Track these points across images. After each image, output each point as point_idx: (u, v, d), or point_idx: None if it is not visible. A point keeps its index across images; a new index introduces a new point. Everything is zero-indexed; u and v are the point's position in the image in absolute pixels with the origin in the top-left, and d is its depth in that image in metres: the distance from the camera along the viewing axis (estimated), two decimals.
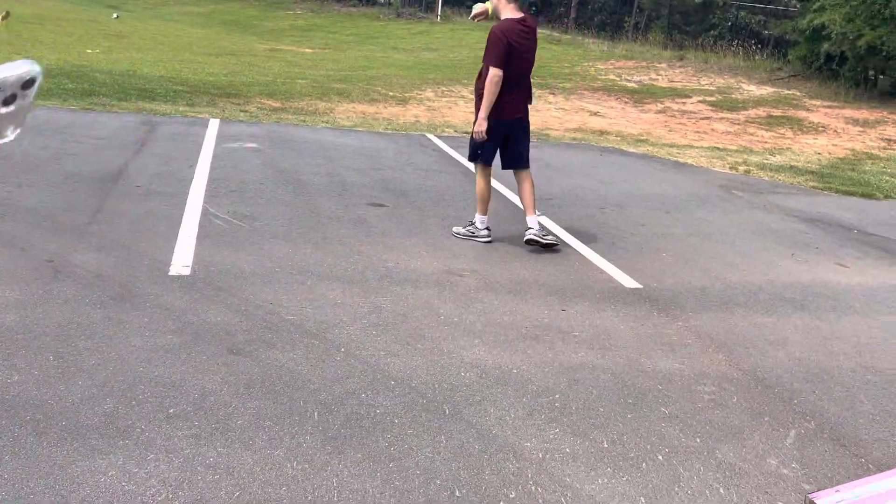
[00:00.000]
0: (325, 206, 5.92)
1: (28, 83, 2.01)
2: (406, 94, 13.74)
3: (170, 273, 4.21)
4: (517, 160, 5.46)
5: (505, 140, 5.35)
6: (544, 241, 5.29)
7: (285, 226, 5.28)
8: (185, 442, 2.67)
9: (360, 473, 2.62)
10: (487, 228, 5.49)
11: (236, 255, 4.59)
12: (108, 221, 4.97)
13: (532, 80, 5.60)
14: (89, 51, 15.16)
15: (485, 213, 5.49)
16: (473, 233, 5.49)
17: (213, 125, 8.76)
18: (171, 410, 2.86)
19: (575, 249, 5.51)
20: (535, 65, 5.50)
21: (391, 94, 13.62)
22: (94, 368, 3.09)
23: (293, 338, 3.57)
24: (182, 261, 4.40)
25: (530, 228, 5.31)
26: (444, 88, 15.02)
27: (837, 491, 2.69)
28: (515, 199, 6.79)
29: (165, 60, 15.11)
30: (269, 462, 2.62)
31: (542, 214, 5.88)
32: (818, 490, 2.76)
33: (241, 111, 10.08)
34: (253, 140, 8.19)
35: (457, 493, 2.58)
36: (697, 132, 13.16)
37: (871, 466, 3.04)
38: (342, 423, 2.92)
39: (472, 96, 5.92)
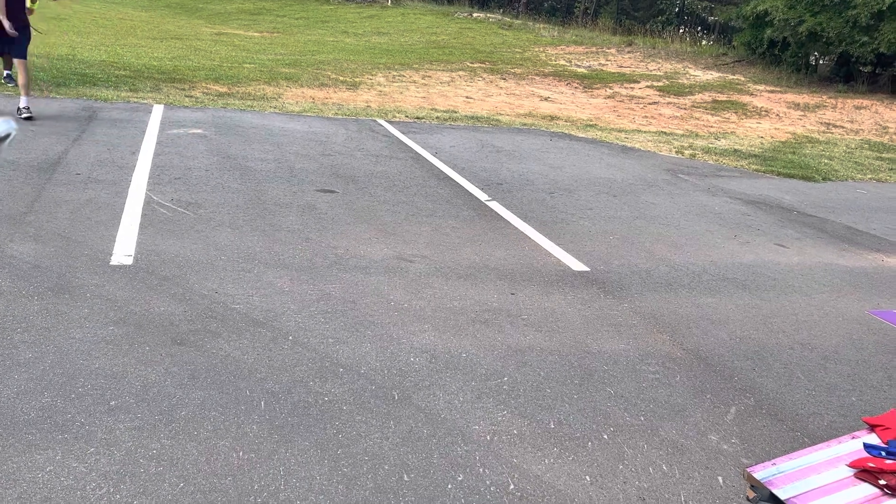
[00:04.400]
0: (272, 192, 5.84)
1: (2, 139, 2.56)
2: (356, 79, 13.61)
3: (111, 263, 4.10)
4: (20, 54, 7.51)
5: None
6: (24, 116, 7.26)
7: (231, 213, 5.20)
8: (126, 434, 2.62)
9: (308, 461, 2.61)
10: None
11: (180, 244, 4.50)
12: (47, 210, 4.81)
13: (483, 66, 5.68)
14: None
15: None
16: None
17: (157, 111, 8.55)
18: (112, 403, 2.80)
19: (524, 234, 5.55)
20: (486, 50, 5.60)
21: (341, 78, 13.47)
22: (30, 362, 3.00)
23: (239, 327, 3.52)
24: (124, 250, 4.29)
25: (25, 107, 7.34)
26: (394, 73, 14.92)
27: (774, 464, 2.78)
28: (465, 182, 6.81)
29: (107, 44, 14.66)
30: (215, 452, 2.59)
31: (493, 200, 5.90)
32: (756, 464, 2.86)
33: (187, 96, 9.85)
34: (198, 126, 8.02)
35: (405, 478, 2.59)
36: (645, 117, 13.36)
37: (806, 439, 3.15)
38: (289, 411, 2.90)
39: (424, 82, 6.08)
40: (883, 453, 2.85)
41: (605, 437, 2.99)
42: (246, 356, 3.26)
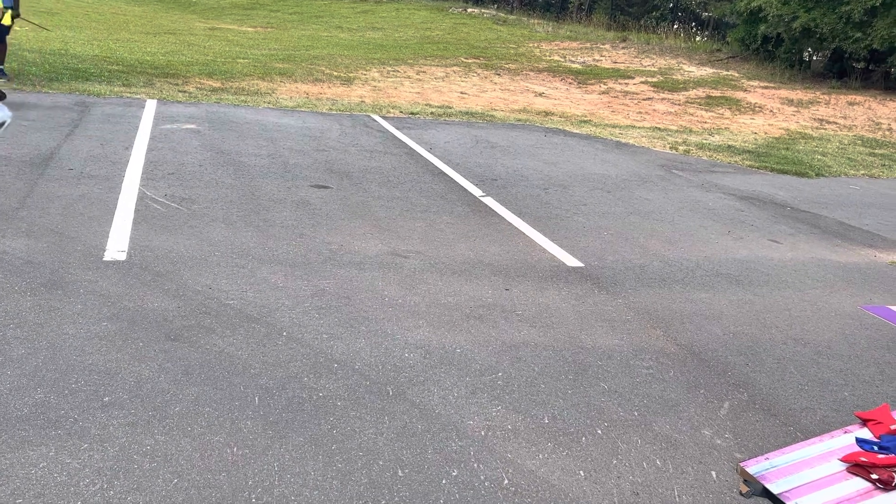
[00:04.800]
0: (266, 188, 5.83)
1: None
2: (351, 74, 13.58)
3: (104, 258, 4.09)
4: None
5: None
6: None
7: (225, 209, 5.19)
8: (120, 430, 2.62)
9: (302, 457, 2.61)
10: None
11: (174, 240, 4.48)
12: (39, 206, 4.79)
13: (477, 61, 5.74)
14: (17, 28, 14.51)
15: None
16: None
17: (151, 106, 8.52)
18: (105, 399, 2.79)
19: (519, 229, 5.55)
20: (481, 46, 5.63)
21: (335, 74, 13.44)
22: (23, 358, 2.99)
23: (233, 322, 3.52)
24: (117, 245, 4.28)
25: None
26: (389, 68, 14.88)
27: (767, 458, 2.80)
28: (459, 178, 6.80)
29: (100, 39, 14.59)
30: (209, 448, 2.59)
31: (487, 196, 5.90)
32: (749, 458, 2.87)
33: (180, 91, 9.81)
34: (192, 121, 7.99)
35: (399, 473, 2.59)
36: (639, 113, 13.37)
37: (799, 434, 3.16)
38: (284, 406, 2.89)
39: (418, 77, 6.13)
40: (875, 448, 2.87)
41: (599, 432, 3.00)
42: (240, 352, 3.26)
